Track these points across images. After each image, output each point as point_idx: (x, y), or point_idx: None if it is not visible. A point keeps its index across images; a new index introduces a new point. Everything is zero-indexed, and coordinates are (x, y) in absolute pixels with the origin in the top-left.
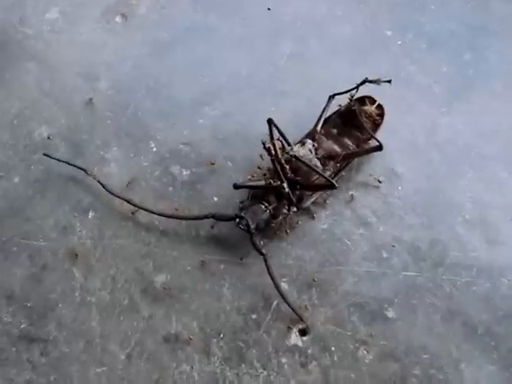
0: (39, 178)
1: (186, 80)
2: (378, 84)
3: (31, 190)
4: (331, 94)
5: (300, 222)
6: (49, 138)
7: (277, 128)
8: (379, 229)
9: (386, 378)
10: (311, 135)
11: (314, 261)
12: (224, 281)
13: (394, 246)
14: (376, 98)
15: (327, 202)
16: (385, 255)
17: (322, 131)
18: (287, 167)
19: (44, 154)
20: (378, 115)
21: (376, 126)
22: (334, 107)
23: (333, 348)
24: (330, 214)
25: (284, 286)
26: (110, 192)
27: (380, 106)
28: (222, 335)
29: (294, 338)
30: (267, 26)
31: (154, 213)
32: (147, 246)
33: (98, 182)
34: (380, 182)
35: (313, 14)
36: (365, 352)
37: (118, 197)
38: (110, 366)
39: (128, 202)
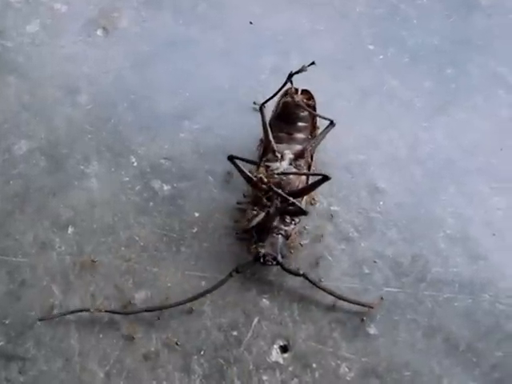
0: (18, 192)
1: (167, 94)
2: (305, 70)
3: (10, 205)
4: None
5: (307, 227)
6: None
7: (241, 159)
8: (361, 244)
9: None
10: (268, 149)
11: (296, 277)
12: (205, 297)
13: (375, 262)
14: (296, 86)
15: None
16: (366, 271)
17: (274, 140)
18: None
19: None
20: (308, 99)
21: (313, 109)
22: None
23: (314, 365)
24: (312, 228)
25: (265, 302)
26: (126, 313)
27: (305, 91)
28: (202, 352)
29: (275, 355)
30: (249, 40)
31: (182, 303)
32: (127, 263)
33: (107, 311)
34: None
35: (294, 28)
36: (346, 369)
37: (136, 312)
38: None
39: (147, 311)
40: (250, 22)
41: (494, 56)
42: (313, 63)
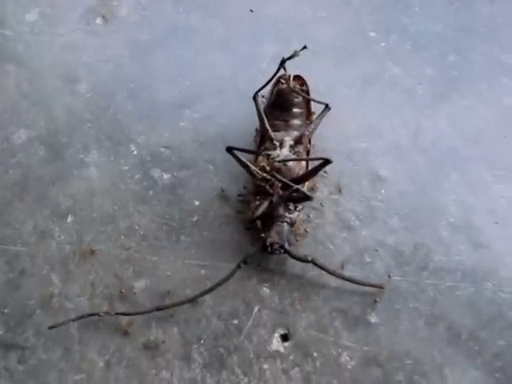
0: (18, 181)
1: (167, 82)
2: (298, 55)
3: (9, 194)
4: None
5: (311, 215)
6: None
7: (240, 150)
8: (362, 233)
9: None
10: (266, 138)
11: (297, 265)
12: (205, 286)
13: (377, 250)
14: (289, 73)
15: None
16: (368, 259)
17: (271, 128)
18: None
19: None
20: (301, 85)
21: (307, 94)
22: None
23: (315, 354)
24: (313, 217)
25: (266, 290)
26: (136, 314)
27: (297, 77)
28: (202, 341)
29: (276, 344)
30: (250, 28)
31: (193, 299)
32: (127, 251)
33: (116, 313)
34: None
35: (296, 15)
36: (347, 358)
37: (146, 312)
38: (88, 373)
39: (158, 310)
40: (251, 10)
41: (498, 43)
42: (305, 47)
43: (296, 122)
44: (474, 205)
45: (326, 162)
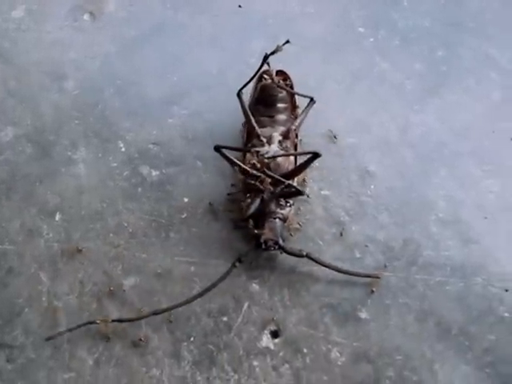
0: (5, 179)
1: (155, 79)
2: (280, 50)
3: None
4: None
5: (302, 208)
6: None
7: (228, 148)
8: (352, 228)
9: (359, 380)
10: (253, 134)
11: (286, 261)
12: (194, 283)
13: (367, 246)
14: (272, 68)
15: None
16: (358, 255)
17: (257, 124)
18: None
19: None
20: (284, 80)
21: (291, 88)
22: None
23: (305, 350)
24: (302, 213)
25: (255, 287)
26: (133, 320)
27: (280, 72)
28: (192, 338)
29: (266, 341)
30: (238, 24)
31: (189, 301)
32: (116, 249)
33: (113, 320)
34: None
35: (284, 11)
36: (337, 354)
37: (143, 317)
38: (78, 372)
39: (155, 314)
40: (239, 6)
41: (486, 38)
42: (287, 42)
43: (281, 116)
44: (462, 200)
45: (315, 155)
